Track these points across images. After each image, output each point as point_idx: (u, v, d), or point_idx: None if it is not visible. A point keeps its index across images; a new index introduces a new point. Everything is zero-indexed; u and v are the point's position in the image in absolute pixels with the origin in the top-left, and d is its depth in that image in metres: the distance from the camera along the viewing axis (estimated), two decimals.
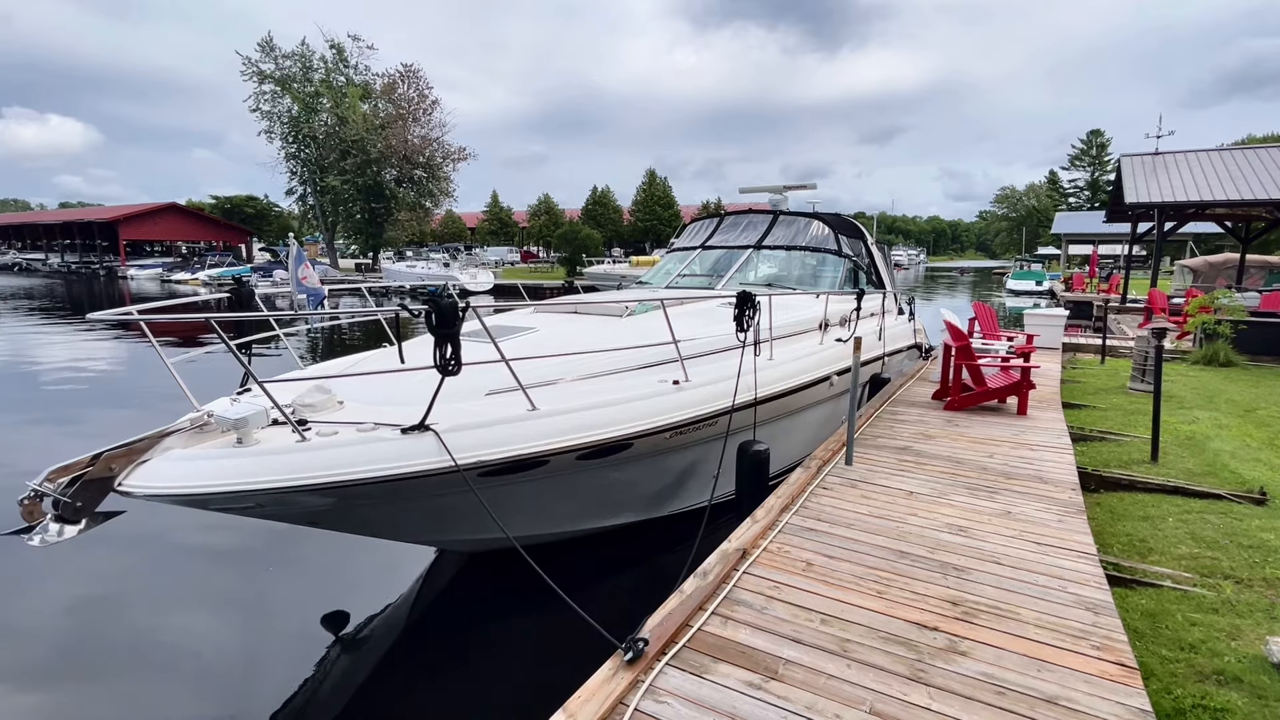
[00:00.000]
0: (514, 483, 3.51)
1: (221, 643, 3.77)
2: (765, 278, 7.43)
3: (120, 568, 4.56)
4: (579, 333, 4.79)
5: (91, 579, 4.38)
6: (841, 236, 7.40)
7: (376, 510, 3.31)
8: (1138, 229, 16.72)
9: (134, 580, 4.42)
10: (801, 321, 5.80)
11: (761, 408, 4.60)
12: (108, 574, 4.46)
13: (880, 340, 7.03)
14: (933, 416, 5.86)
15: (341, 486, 2.94)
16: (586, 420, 3.52)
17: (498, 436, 3.24)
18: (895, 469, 4.42)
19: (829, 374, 5.52)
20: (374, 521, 3.46)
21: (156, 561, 4.65)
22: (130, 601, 4.16)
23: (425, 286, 30.55)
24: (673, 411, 3.90)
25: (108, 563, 4.60)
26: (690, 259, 7.48)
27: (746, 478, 4.37)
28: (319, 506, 3.11)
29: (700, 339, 4.67)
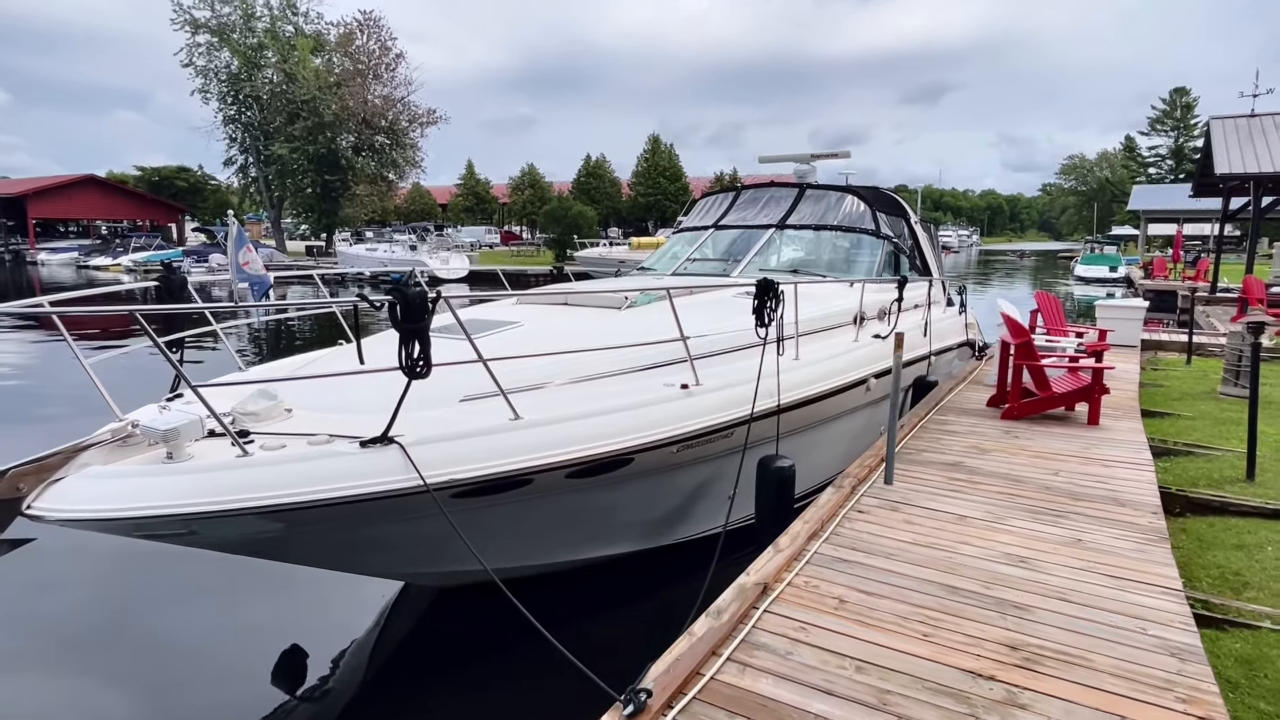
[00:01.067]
0: (493, 505, 3.53)
1: (149, 688, 3.76)
2: (789, 263, 7.45)
3: (25, 593, 4.55)
4: (570, 328, 4.83)
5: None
6: (880, 214, 7.43)
7: (331, 538, 3.32)
8: (1230, 205, 16.69)
9: (42, 611, 4.41)
10: (832, 314, 5.83)
11: (785, 416, 4.62)
12: (5, 603, 4.45)
13: (925, 336, 7.05)
14: (987, 427, 5.86)
15: (290, 510, 2.95)
16: (578, 431, 3.55)
17: (474, 450, 3.26)
18: (943, 489, 4.42)
19: (865, 376, 5.54)
20: (328, 551, 3.47)
21: (71, 590, 4.64)
22: (34, 640, 4.14)
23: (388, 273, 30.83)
24: (680, 421, 3.92)
25: (6, 590, 4.59)
26: (701, 241, 7.51)
27: (768, 499, 4.40)
28: (263, 533, 3.12)
29: (713, 335, 4.69)
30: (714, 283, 6.24)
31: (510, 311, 5.30)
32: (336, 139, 40.24)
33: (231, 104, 40.32)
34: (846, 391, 5.31)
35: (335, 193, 42.20)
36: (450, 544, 3.23)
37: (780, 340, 4.56)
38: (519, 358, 3.72)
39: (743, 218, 7.59)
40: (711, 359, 4.51)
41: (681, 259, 7.35)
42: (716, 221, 7.69)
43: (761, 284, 4.23)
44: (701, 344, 4.47)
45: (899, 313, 6.36)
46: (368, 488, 3.02)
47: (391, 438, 3.10)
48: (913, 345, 6.70)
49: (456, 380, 3.66)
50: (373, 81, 40.99)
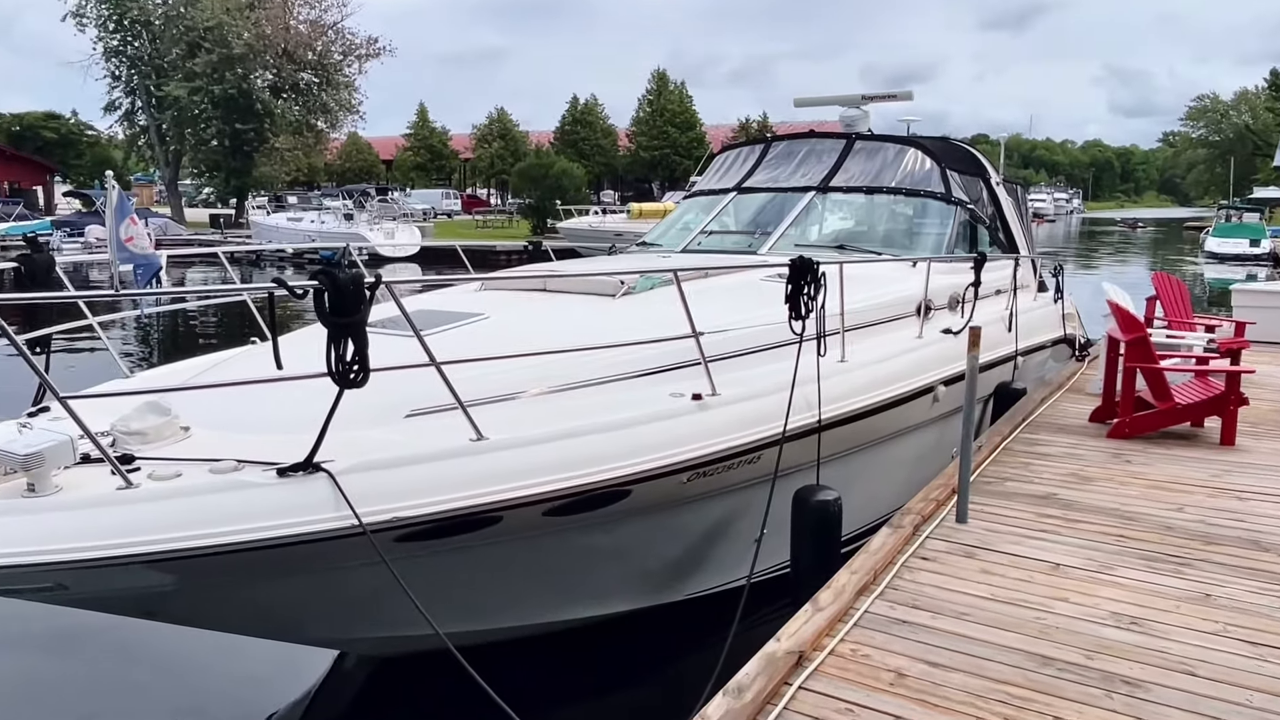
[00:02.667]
0: (449, 551, 3.54)
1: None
2: (834, 236, 7.46)
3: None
4: (549, 321, 4.85)
5: None
6: (951, 173, 7.47)
7: (241, 594, 3.33)
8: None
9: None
10: (890, 303, 5.86)
11: (828, 435, 4.64)
12: None
13: (1010, 331, 7.08)
14: (1090, 448, 5.86)
15: (187, 557, 2.95)
16: (560, 455, 3.56)
17: (424, 480, 3.27)
18: (1032, 529, 4.42)
19: (932, 383, 5.56)
20: (239, 611, 3.49)
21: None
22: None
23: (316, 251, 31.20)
24: (691, 441, 3.95)
25: None
26: (720, 208, 7.56)
27: (806, 542, 4.41)
28: (153, 588, 3.13)
29: (734, 331, 4.72)
30: (736, 262, 6.27)
31: (473, 300, 5.31)
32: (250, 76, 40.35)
33: (114, 31, 40.49)
34: (908, 403, 5.31)
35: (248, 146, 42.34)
36: (394, 601, 3.24)
37: (821, 337, 4.57)
38: (484, 360, 3.73)
39: (774, 178, 7.63)
40: (732, 361, 4.52)
41: (694, 232, 7.39)
42: (740, 183, 7.72)
43: (797, 264, 4.25)
44: (719, 342, 4.48)
45: (976, 300, 6.37)
46: (287, 528, 3.03)
47: (318, 464, 3.11)
48: (993, 342, 6.72)
49: (402, 389, 3.67)
50: (297, 2, 41.15)
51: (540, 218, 39.51)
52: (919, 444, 5.77)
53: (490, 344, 4.20)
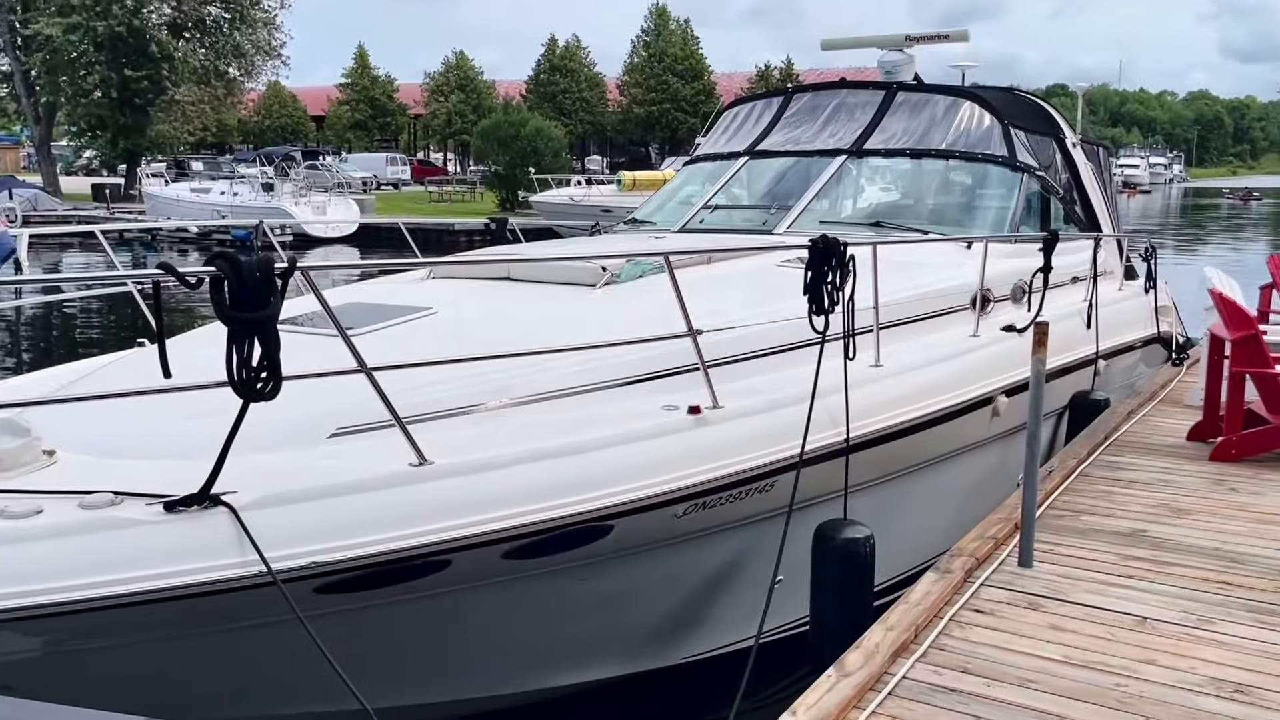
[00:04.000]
0: (382, 604, 3.54)
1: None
2: (869, 210, 7.51)
3: None
4: (513, 317, 4.90)
5: None
6: (1016, 132, 7.53)
7: (120, 661, 3.32)
8: None
9: None
10: (937, 293, 5.92)
11: (859, 458, 4.67)
12: None
13: (1090, 329, 7.14)
14: (1187, 472, 5.89)
15: (49, 615, 2.94)
16: (523, 483, 3.59)
17: (351, 516, 3.29)
18: (1114, 574, 4.44)
19: (990, 393, 5.60)
20: (119, 682, 3.47)
21: None
22: None
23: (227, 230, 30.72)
24: (688, 466, 3.99)
25: None
26: (729, 176, 7.63)
27: (830, 591, 4.45)
28: (11, 654, 3.12)
29: (742, 328, 4.78)
30: (746, 244, 6.29)
31: (419, 291, 5.34)
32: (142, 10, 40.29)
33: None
34: (960, 418, 5.35)
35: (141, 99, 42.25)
36: (313, 668, 3.24)
37: (850, 336, 4.60)
38: (429, 365, 3.76)
39: (795, 139, 7.69)
40: (739, 366, 4.58)
41: (696, 206, 7.45)
42: (753, 145, 7.78)
43: (819, 245, 4.29)
44: (723, 342, 4.53)
45: (1045, 290, 6.42)
46: (177, 577, 3.02)
47: (217, 496, 3.12)
48: (1068, 342, 6.76)
49: (326, 403, 3.71)
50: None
51: (509, 189, 39.60)
52: (974, 469, 5.80)
53: (438, 345, 4.26)
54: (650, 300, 4.76)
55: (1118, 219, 9.40)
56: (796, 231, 6.43)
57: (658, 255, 4.73)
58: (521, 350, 4.01)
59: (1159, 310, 8.83)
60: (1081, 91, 32.67)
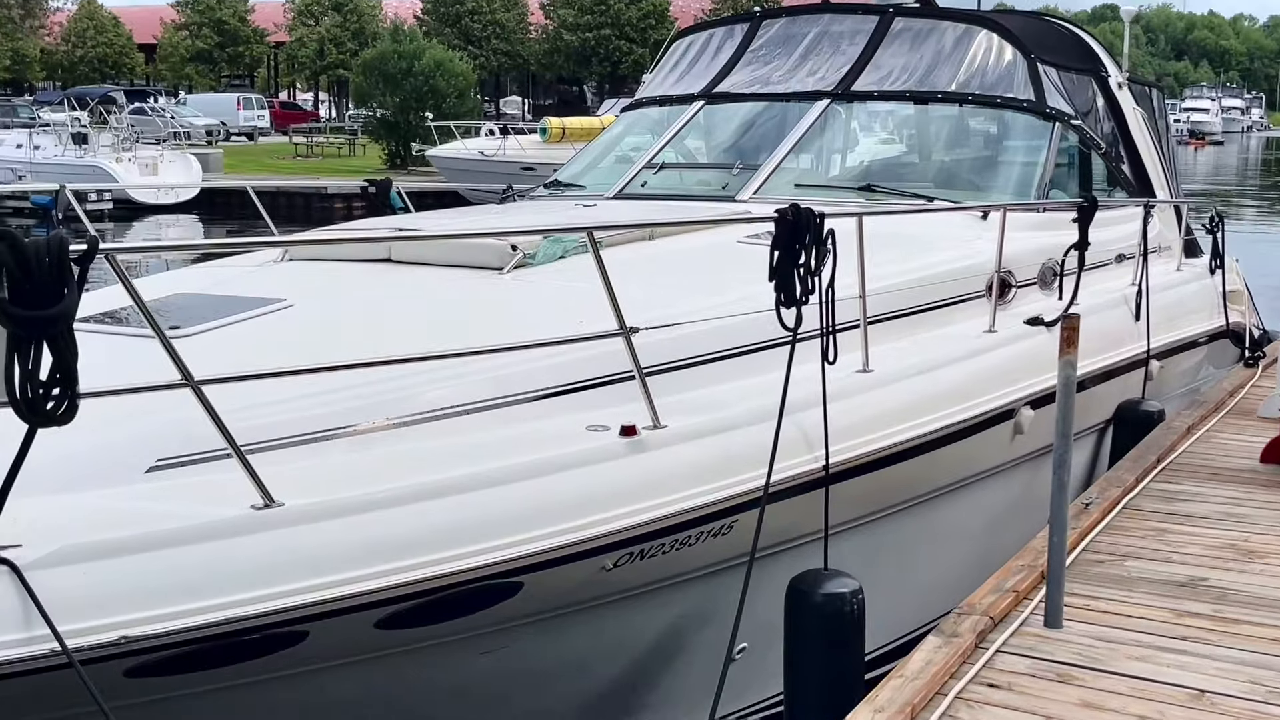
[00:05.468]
0: (217, 690, 3.51)
1: None
2: (859, 171, 7.56)
3: None
4: (395, 311, 4.88)
5: None
6: (1046, 69, 7.61)
7: None
8: None
9: None
10: (943, 277, 5.97)
11: (842, 491, 4.70)
12: None
13: (1139, 321, 7.25)
14: (1261, 504, 5.98)
15: None
16: (403, 529, 3.57)
17: (175, 575, 3.24)
18: (1166, 635, 4.49)
19: (1011, 404, 5.67)
20: None
21: None
22: None
23: (26, 195, 29.88)
24: (620, 503, 3.99)
25: None
26: (679, 126, 7.65)
27: (808, 661, 4.47)
28: None
29: (690, 323, 4.79)
30: (697, 214, 6.29)
31: (271, 277, 5.31)
32: None
33: None
34: (971, 437, 5.41)
35: None
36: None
37: (829, 332, 4.62)
38: (279, 376, 3.70)
39: (764, 77, 7.73)
40: (687, 372, 4.60)
41: (638, 165, 7.45)
42: (711, 85, 7.81)
43: (789, 216, 4.29)
44: (667, 343, 4.55)
45: (1081, 272, 6.50)
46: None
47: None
48: (1111, 339, 6.86)
49: (143, 427, 3.66)
50: None
51: (399, 140, 39.34)
52: (990, 503, 5.88)
53: (293, 349, 4.21)
54: (574, 289, 4.75)
55: (1176, 180, 9.53)
56: (765, 198, 6.46)
57: (582, 230, 4.72)
58: (403, 355, 3.95)
59: (1228, 296, 8.97)
60: (1132, 16, 33.14)
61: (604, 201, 6.98)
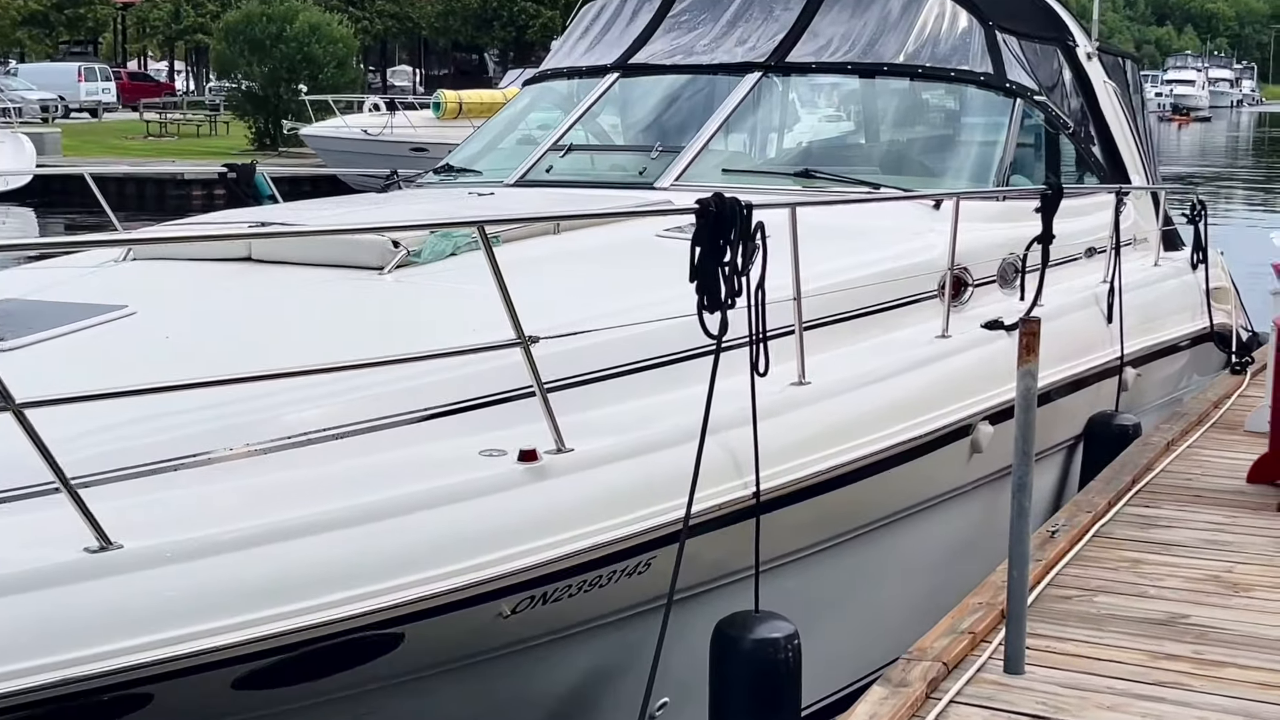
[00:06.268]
0: None
1: None
2: (795, 154, 7.63)
3: None
4: (256, 318, 4.86)
5: None
6: (1005, 38, 7.69)
7: None
8: None
9: None
10: (890, 274, 6.03)
11: (775, 522, 4.72)
12: None
13: (1112, 323, 7.37)
14: (1249, 529, 6.07)
15: None
16: (264, 572, 3.54)
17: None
18: (1141, 679, 4.53)
19: (967, 419, 5.75)
20: None
21: None
22: None
23: None
24: (518, 540, 3.98)
25: None
26: (589, 100, 7.69)
27: (739, 714, 4.47)
28: None
29: (599, 330, 4.80)
30: (609, 204, 6.29)
31: (111, 280, 5.27)
32: None
33: None
34: (921, 457, 5.46)
35: None
36: None
37: (759, 340, 4.65)
38: (117, 396, 3.64)
39: (687, 46, 7.75)
40: (595, 387, 4.62)
41: (542, 147, 7.45)
42: (627, 55, 7.83)
43: (712, 207, 4.32)
44: (572, 353, 4.58)
45: (1045, 268, 6.59)
46: None
47: None
48: (1080, 343, 6.97)
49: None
50: None
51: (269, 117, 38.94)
52: (944, 532, 5.95)
53: (137, 364, 4.18)
54: (466, 292, 4.75)
55: (1154, 163, 9.66)
56: (688, 185, 6.49)
57: (473, 224, 4.70)
58: (265, 371, 3.90)
59: (1211, 294, 9.11)
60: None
61: (502, 189, 6.97)
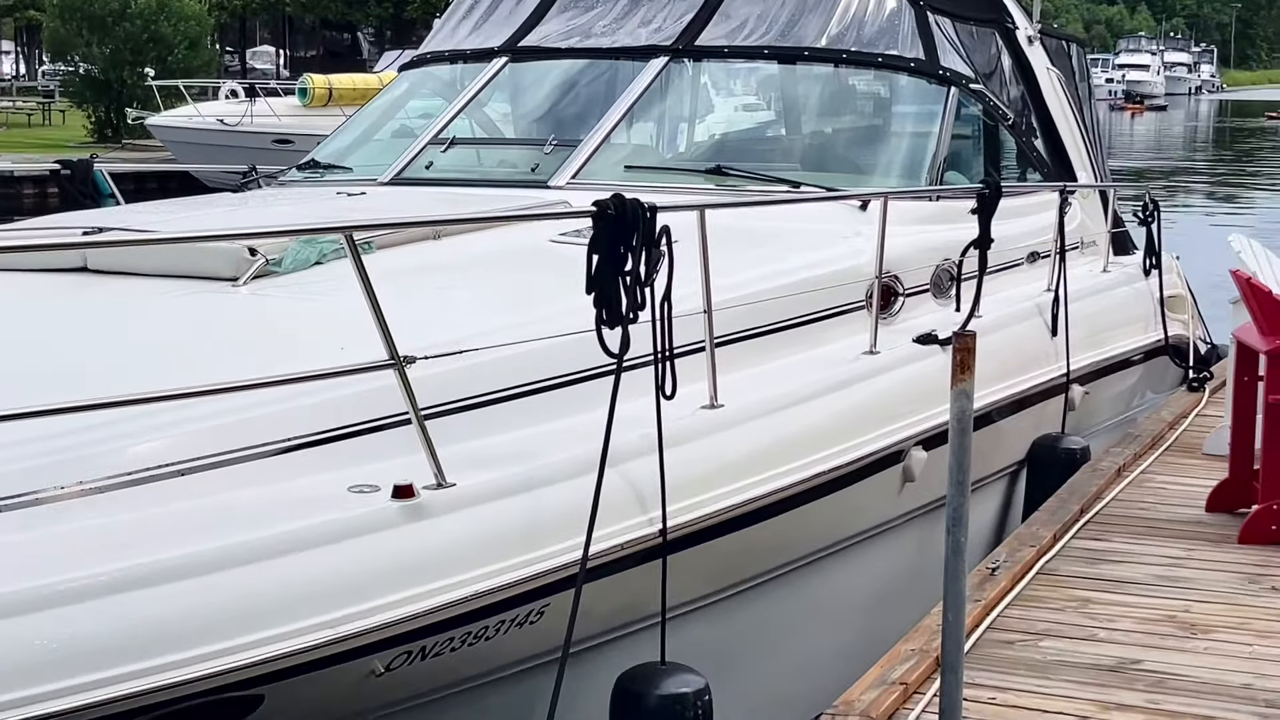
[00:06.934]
0: None
1: None
2: (707, 148, 7.73)
3: None
4: (92, 336, 4.83)
5: None
6: (938, 19, 7.79)
7: None
8: None
9: None
10: (811, 282, 6.07)
11: (682, 563, 4.73)
12: None
13: (1057, 336, 7.47)
14: (1206, 564, 6.15)
15: None
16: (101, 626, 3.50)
17: None
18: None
19: (897, 444, 5.80)
20: None
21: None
22: None
23: None
24: (394, 588, 3.97)
25: None
26: (475, 88, 7.70)
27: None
28: None
29: (484, 349, 4.77)
30: (496, 205, 6.27)
31: None
32: None
33: None
34: (848, 488, 5.50)
35: None
36: None
37: (666, 358, 4.67)
38: None
39: (584, 28, 7.79)
40: (480, 413, 4.61)
41: (421, 140, 7.48)
42: (516, 38, 7.84)
43: (610, 209, 4.32)
44: (453, 374, 4.57)
45: (982, 276, 6.65)
46: None
47: None
48: (1023, 359, 7.06)
49: None
50: None
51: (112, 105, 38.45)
52: (874, 571, 5.99)
53: None
54: (332, 305, 4.74)
55: (1103, 157, 9.80)
56: (586, 184, 6.51)
57: (339, 230, 4.66)
58: (102, 399, 3.86)
59: (1166, 303, 9.24)
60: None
61: (375, 189, 6.94)
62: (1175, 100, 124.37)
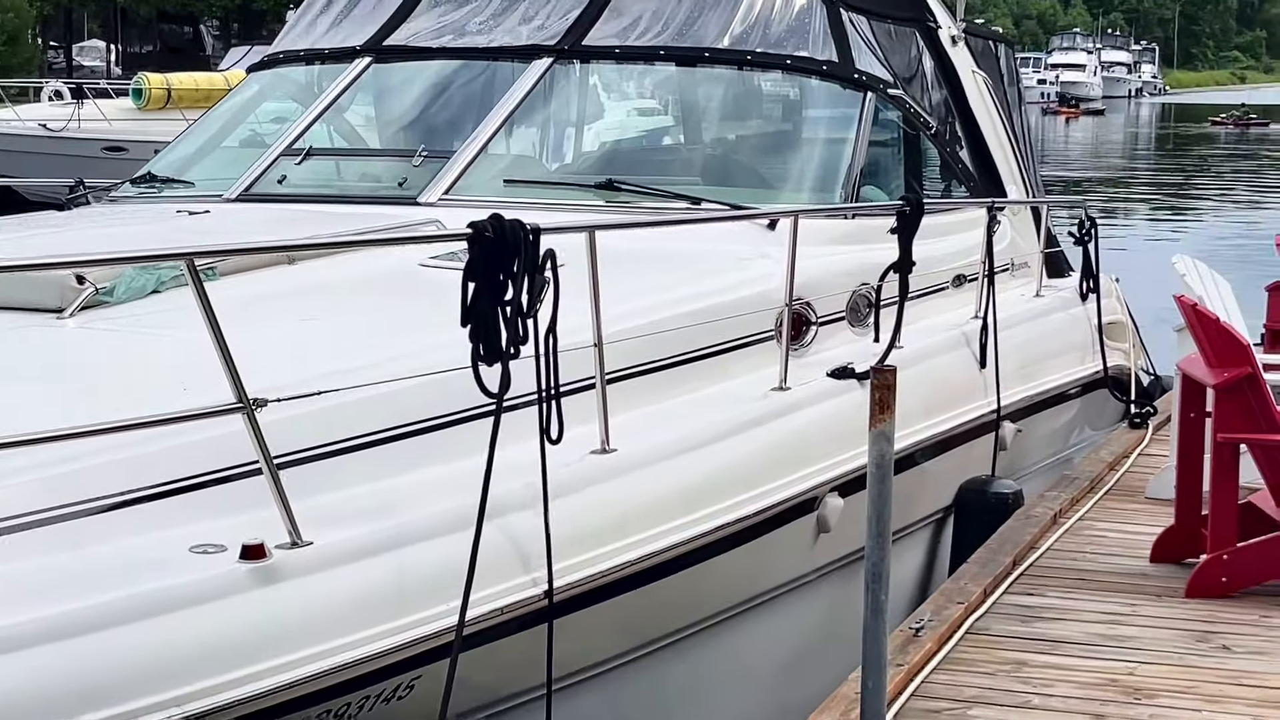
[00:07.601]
0: None
1: None
2: (598, 159, 7.78)
3: None
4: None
5: None
6: (853, 18, 7.88)
7: None
8: None
9: None
10: (713, 310, 6.11)
11: (570, 626, 4.76)
12: None
13: (985, 368, 7.57)
14: (1151, 620, 6.24)
15: None
16: None
17: None
18: None
19: (810, 490, 5.85)
20: None
21: None
22: None
23: None
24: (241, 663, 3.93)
25: None
26: (334, 91, 7.71)
27: None
28: None
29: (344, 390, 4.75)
30: (356, 229, 6.25)
31: None
32: None
33: None
34: (755, 540, 5.53)
35: None
36: None
37: (551, 397, 4.69)
38: None
39: (458, 24, 7.82)
40: (340, 460, 4.59)
41: (274, 151, 7.47)
42: (381, 35, 7.85)
43: (490, 230, 4.33)
44: (308, 418, 4.54)
45: (904, 302, 6.70)
46: None
47: None
48: (949, 393, 7.17)
49: None
50: None
51: None
52: (786, 632, 6.02)
53: None
54: (171, 340, 4.71)
55: (1035, 169, 9.92)
56: (461, 200, 6.54)
57: (180, 257, 4.63)
58: None
59: (1105, 331, 9.41)
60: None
61: (221, 206, 6.89)
62: (1114, 104, 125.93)
